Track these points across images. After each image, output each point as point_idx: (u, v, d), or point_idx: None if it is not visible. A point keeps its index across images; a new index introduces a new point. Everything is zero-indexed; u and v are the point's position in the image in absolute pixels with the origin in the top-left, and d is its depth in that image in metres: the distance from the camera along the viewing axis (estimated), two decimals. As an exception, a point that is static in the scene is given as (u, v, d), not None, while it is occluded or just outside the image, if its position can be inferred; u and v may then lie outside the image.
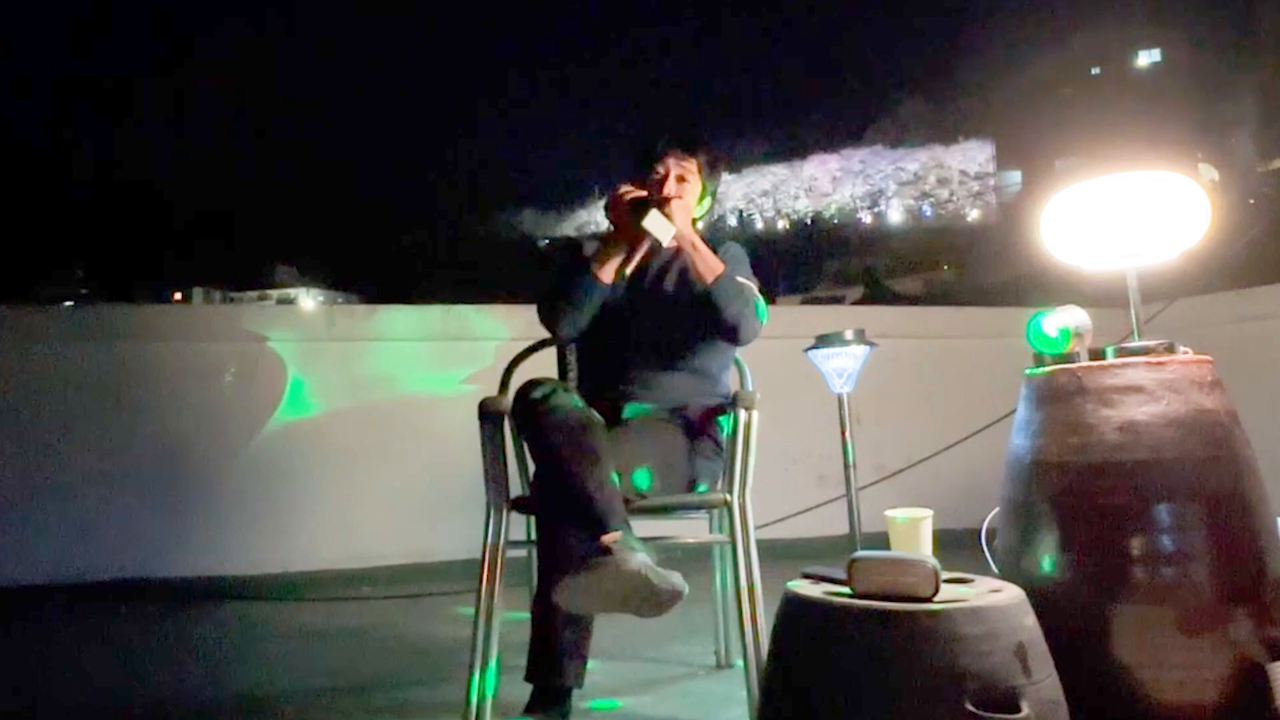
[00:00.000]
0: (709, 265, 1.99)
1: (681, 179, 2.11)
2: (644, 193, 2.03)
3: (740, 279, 2.03)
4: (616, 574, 1.53)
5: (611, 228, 2.02)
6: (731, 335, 2.01)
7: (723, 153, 2.19)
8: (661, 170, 2.11)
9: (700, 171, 2.14)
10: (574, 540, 1.63)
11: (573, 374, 2.28)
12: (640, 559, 1.55)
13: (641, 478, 1.84)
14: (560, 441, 1.70)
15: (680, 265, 2.09)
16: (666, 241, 1.96)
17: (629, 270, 1.99)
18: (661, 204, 1.99)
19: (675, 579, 1.56)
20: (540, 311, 2.07)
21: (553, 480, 1.71)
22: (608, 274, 2.00)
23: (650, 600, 1.56)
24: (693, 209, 2.13)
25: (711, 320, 2.00)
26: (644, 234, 1.95)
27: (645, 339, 2.07)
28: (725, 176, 2.27)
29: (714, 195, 2.21)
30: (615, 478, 1.71)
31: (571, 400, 1.77)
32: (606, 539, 1.58)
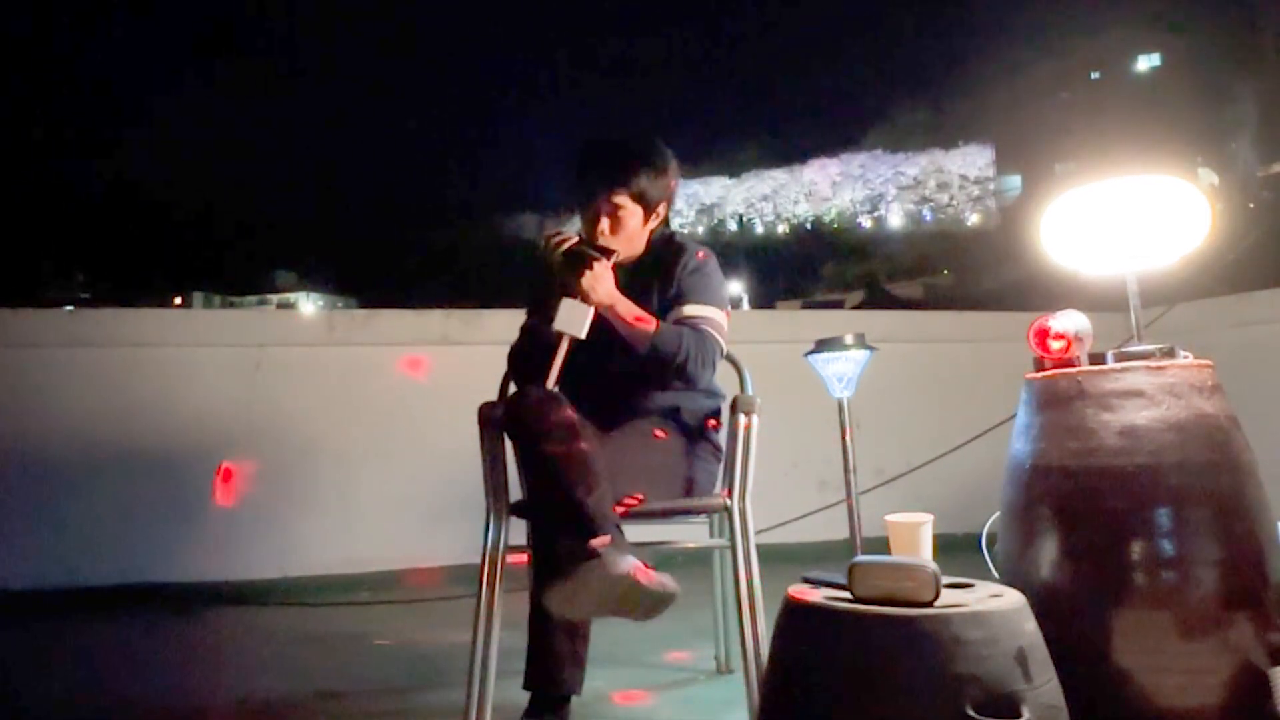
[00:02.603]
0: (635, 334, 1.87)
1: (613, 215, 1.95)
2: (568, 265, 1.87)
3: (690, 310, 1.93)
4: (604, 578, 1.52)
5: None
6: (687, 380, 1.92)
7: (662, 159, 1.99)
8: (592, 214, 1.96)
9: (638, 197, 1.96)
10: (564, 546, 1.62)
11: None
12: (629, 562, 1.54)
13: (637, 484, 1.83)
14: (550, 448, 1.68)
15: (635, 288, 1.96)
16: (586, 328, 1.81)
17: (556, 373, 1.81)
18: (577, 276, 1.83)
19: (665, 580, 1.55)
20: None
21: (543, 486, 1.71)
22: (551, 380, 1.84)
23: (640, 603, 1.55)
24: (634, 241, 1.99)
25: (661, 375, 1.92)
26: (559, 334, 1.81)
27: (618, 372, 1.96)
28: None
29: (669, 200, 2.06)
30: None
31: (563, 407, 1.75)
32: (595, 543, 1.57)
